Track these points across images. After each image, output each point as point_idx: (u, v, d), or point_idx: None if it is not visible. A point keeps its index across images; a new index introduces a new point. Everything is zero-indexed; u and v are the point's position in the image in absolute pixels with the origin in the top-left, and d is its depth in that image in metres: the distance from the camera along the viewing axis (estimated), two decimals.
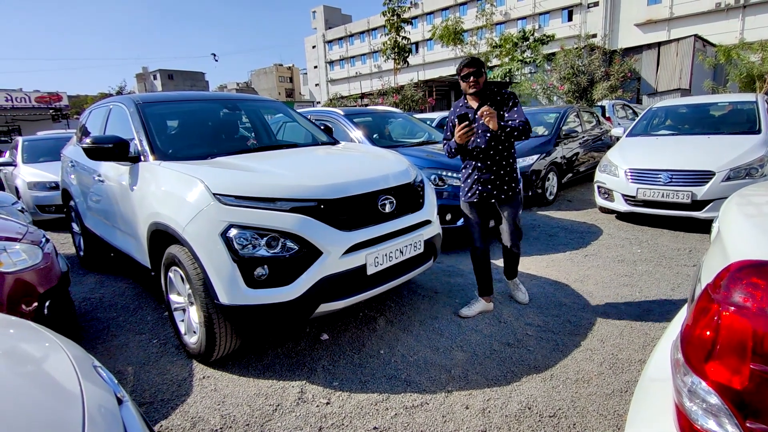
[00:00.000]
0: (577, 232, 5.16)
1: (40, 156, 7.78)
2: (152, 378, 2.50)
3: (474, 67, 2.87)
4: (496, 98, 2.92)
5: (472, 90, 2.88)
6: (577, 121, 7.82)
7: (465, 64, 2.88)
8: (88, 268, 4.54)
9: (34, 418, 0.88)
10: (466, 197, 3.04)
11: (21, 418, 0.87)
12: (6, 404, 0.92)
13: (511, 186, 2.97)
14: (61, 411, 0.88)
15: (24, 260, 2.53)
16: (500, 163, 2.93)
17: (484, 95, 2.92)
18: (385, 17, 24.46)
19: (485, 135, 2.89)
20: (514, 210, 3.03)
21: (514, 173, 3.00)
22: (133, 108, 3.36)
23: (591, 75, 14.51)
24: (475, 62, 2.88)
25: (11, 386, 1.02)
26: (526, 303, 3.23)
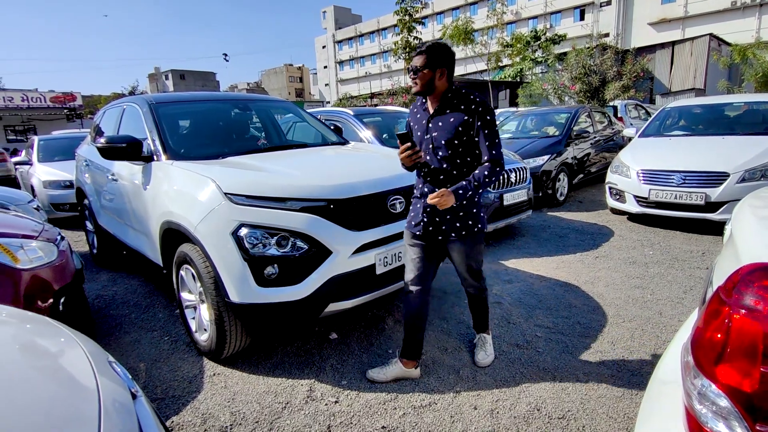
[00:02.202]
0: (587, 233, 5.12)
1: (55, 155, 7.92)
2: (164, 374, 2.54)
3: (422, 57, 2.07)
4: (458, 106, 2.11)
5: (414, 90, 2.16)
6: (588, 122, 7.75)
7: (417, 51, 2.13)
8: (101, 265, 4.62)
9: (52, 412, 0.90)
10: (409, 226, 2.30)
11: (39, 412, 0.89)
12: (25, 398, 0.94)
13: (467, 223, 2.18)
14: (78, 405, 0.90)
15: (40, 257, 2.58)
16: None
17: (443, 100, 2.14)
18: (397, 17, 24.46)
19: (436, 153, 2.14)
20: (467, 249, 2.24)
21: (474, 207, 2.20)
22: (147, 108, 3.41)
23: (603, 75, 14.37)
24: (426, 51, 2.07)
25: (30, 380, 1.04)
26: (485, 365, 2.47)
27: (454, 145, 2.10)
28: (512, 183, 4.82)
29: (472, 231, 2.20)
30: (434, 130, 2.14)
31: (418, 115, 2.26)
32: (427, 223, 2.21)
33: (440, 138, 2.11)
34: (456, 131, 2.08)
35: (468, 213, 2.18)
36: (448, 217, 2.17)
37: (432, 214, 2.19)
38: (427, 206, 2.18)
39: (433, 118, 2.15)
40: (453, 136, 2.09)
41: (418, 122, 2.25)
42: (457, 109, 2.10)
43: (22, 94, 23.79)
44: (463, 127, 2.08)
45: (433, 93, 2.13)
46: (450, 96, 2.14)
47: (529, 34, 27.05)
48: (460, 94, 2.13)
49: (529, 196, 5.06)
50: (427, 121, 2.17)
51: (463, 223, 2.19)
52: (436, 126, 2.13)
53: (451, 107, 2.11)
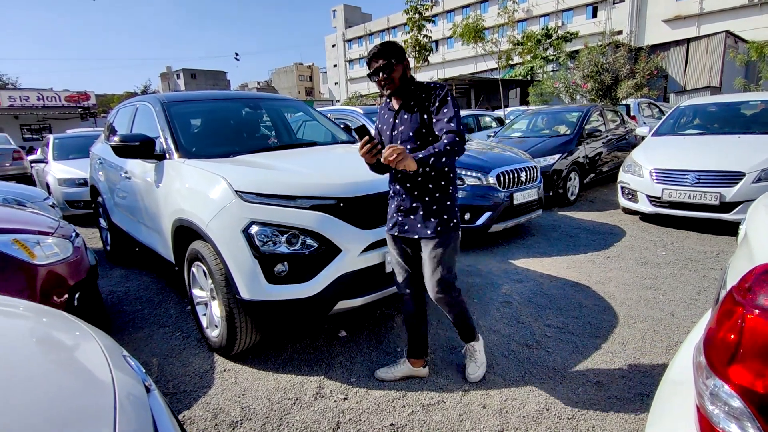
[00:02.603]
0: (599, 233, 5.07)
1: (70, 153, 8.05)
2: (175, 369, 2.58)
3: (382, 59, 2.04)
4: (420, 96, 2.09)
5: (387, 91, 2.10)
6: (600, 120, 7.67)
7: (372, 55, 2.06)
8: (114, 262, 4.69)
9: (69, 405, 0.92)
10: (387, 228, 2.26)
11: (57, 405, 0.91)
12: (42, 391, 0.97)
13: (442, 218, 2.09)
14: (94, 398, 0.92)
15: (56, 253, 2.63)
16: (425, 187, 2.08)
17: (405, 94, 2.12)
18: (407, 15, 24.39)
19: (405, 146, 2.04)
20: (440, 250, 2.09)
21: (447, 201, 2.11)
22: (159, 107, 3.45)
23: (616, 73, 14.19)
24: (384, 51, 2.04)
25: (47, 373, 1.07)
26: (476, 381, 2.33)
27: (422, 134, 2.06)
28: (522, 182, 4.79)
29: (446, 228, 2.10)
30: (401, 124, 2.10)
31: (385, 115, 2.22)
32: (401, 221, 2.15)
33: (407, 131, 2.08)
34: (422, 120, 2.05)
35: (442, 209, 2.10)
36: (421, 213, 2.09)
37: (405, 212, 2.13)
38: (399, 205, 2.14)
39: (398, 113, 2.13)
40: (419, 125, 2.05)
41: (385, 122, 2.21)
42: (420, 100, 2.08)
43: (37, 93, 24.19)
44: (428, 115, 2.05)
45: (399, 90, 2.11)
46: (413, 89, 2.11)
47: (541, 32, 26.79)
48: (422, 86, 2.11)
49: (539, 196, 5.03)
50: (393, 118, 2.14)
51: (438, 219, 2.09)
52: (402, 120, 2.10)
53: (416, 99, 2.09)
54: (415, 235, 2.12)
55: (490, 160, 4.79)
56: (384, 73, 2.04)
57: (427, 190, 2.08)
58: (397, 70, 2.05)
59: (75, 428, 0.83)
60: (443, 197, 2.10)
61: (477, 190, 4.53)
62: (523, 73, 27.71)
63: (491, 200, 4.52)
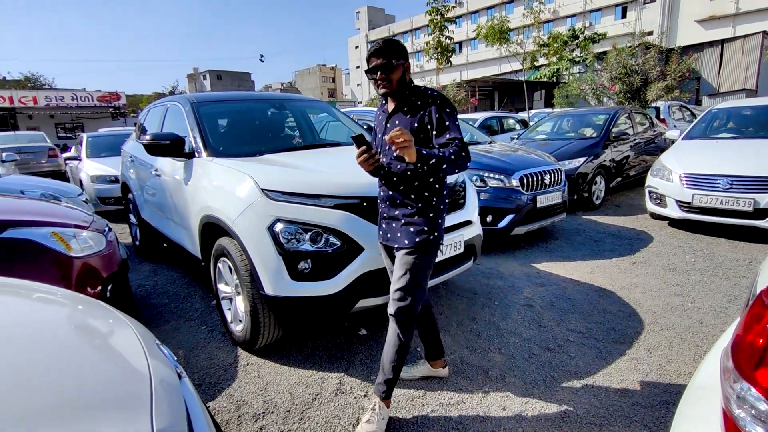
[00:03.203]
0: (625, 238, 4.96)
1: (102, 151, 8.34)
2: (201, 362, 2.65)
3: (381, 57, 1.92)
4: (415, 102, 1.96)
5: (381, 90, 1.99)
6: (628, 123, 7.50)
7: (372, 52, 1.95)
8: (143, 257, 4.84)
9: (108, 390, 0.97)
10: (377, 235, 2.19)
11: (96, 389, 0.96)
12: (83, 375, 1.02)
13: (422, 229, 1.94)
14: (133, 384, 0.97)
15: (90, 246, 2.74)
16: (409, 196, 1.96)
17: (401, 97, 1.99)
18: (429, 16, 24.33)
19: (393, 152, 1.90)
20: (412, 258, 1.94)
21: (430, 212, 1.97)
22: (189, 107, 3.56)
23: (645, 75, 13.82)
24: (384, 50, 1.93)
25: (86, 358, 1.13)
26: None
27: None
28: (546, 185, 4.74)
29: (425, 240, 1.94)
30: (391, 128, 1.95)
31: (379, 117, 2.13)
32: (385, 228, 2.05)
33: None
34: (413, 128, 1.93)
35: (422, 220, 1.95)
36: (402, 222, 1.97)
37: (388, 219, 2.03)
38: (383, 212, 2.05)
39: (390, 116, 2.01)
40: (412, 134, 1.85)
41: (378, 124, 2.11)
42: (414, 106, 1.96)
43: (72, 93, 25.13)
44: (420, 123, 1.93)
45: (395, 92, 1.98)
46: (408, 93, 1.99)
47: (567, 33, 26.34)
48: (419, 91, 1.98)
49: (563, 199, 4.96)
50: (386, 121, 2.03)
51: (417, 230, 1.94)
52: (393, 124, 1.98)
53: (409, 104, 1.97)
54: (394, 244, 2.00)
55: (514, 163, 4.75)
56: (382, 72, 1.92)
57: (410, 199, 1.96)
58: (397, 71, 1.93)
59: (115, 413, 0.88)
60: (425, 208, 1.96)
61: (499, 193, 4.50)
62: (549, 74, 27.32)
63: (514, 203, 4.48)
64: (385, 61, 1.91)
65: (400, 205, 1.98)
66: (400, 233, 1.97)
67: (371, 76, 1.96)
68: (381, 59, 1.92)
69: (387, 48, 1.93)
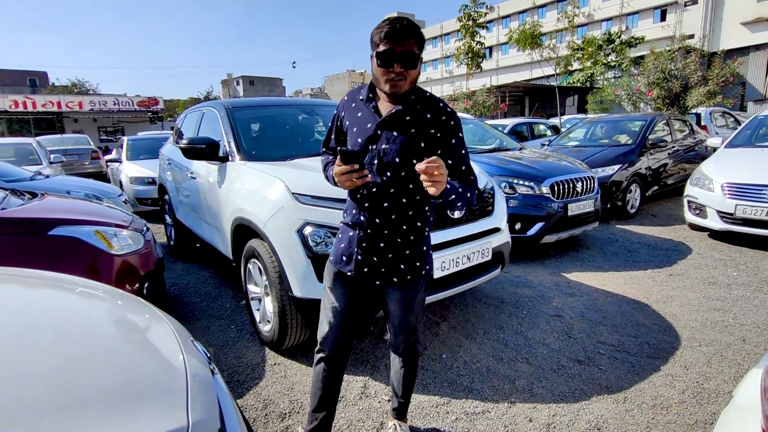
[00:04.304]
0: (661, 249, 4.78)
1: (141, 154, 8.69)
2: (230, 360, 2.72)
3: (414, 42, 1.43)
4: (422, 113, 1.52)
5: (390, 88, 1.47)
6: (666, 130, 7.24)
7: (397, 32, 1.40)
8: (176, 256, 5.01)
9: (146, 383, 1.01)
10: (336, 262, 1.69)
11: (135, 382, 1.01)
12: (122, 367, 1.07)
13: (414, 264, 1.65)
14: (169, 378, 1.01)
15: (129, 245, 2.87)
16: (400, 227, 1.59)
17: (404, 102, 1.52)
18: (460, 23, 24.25)
19: (383, 173, 1.53)
20: (409, 298, 1.70)
21: (423, 246, 1.68)
22: (224, 112, 3.67)
23: (685, 80, 13.31)
24: (416, 32, 1.44)
25: (125, 351, 1.18)
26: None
27: (410, 165, 1.51)
28: (578, 193, 4.63)
29: (418, 275, 1.66)
30: (385, 141, 1.51)
31: (359, 113, 1.59)
32: (363, 260, 1.62)
33: (393, 153, 1.50)
34: (418, 147, 1.51)
35: (415, 252, 1.64)
36: (391, 256, 1.61)
37: (370, 250, 1.61)
38: (363, 239, 1.60)
39: (385, 123, 1.52)
40: (412, 152, 1.50)
41: (358, 123, 1.58)
42: (421, 118, 1.51)
43: (114, 98, 26.33)
44: (427, 142, 1.51)
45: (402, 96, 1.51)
46: (414, 98, 1.53)
47: (602, 37, 25.71)
48: (425, 98, 1.55)
49: (595, 207, 4.83)
50: (376, 127, 1.53)
51: (408, 264, 1.63)
52: (389, 136, 1.51)
53: (413, 114, 1.51)
54: (377, 281, 1.64)
55: (544, 170, 4.66)
56: (404, 64, 1.42)
57: (401, 231, 1.59)
58: (418, 69, 1.49)
59: (154, 405, 0.92)
60: (418, 241, 1.64)
61: (529, 200, 4.43)
62: (582, 79, 26.69)
63: (544, 210, 4.39)
64: (417, 52, 1.44)
65: (388, 237, 1.59)
66: (390, 265, 1.61)
67: (387, 63, 1.42)
68: (410, 45, 1.41)
69: (417, 32, 1.43)
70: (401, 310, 1.72)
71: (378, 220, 1.58)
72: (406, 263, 1.64)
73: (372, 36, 1.45)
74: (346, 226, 1.68)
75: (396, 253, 1.62)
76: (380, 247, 1.61)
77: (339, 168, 1.43)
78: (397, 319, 1.75)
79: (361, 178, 1.43)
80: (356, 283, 1.67)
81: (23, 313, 1.32)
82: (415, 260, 1.65)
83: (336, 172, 1.45)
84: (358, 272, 1.64)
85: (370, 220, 1.59)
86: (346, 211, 1.69)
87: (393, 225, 1.59)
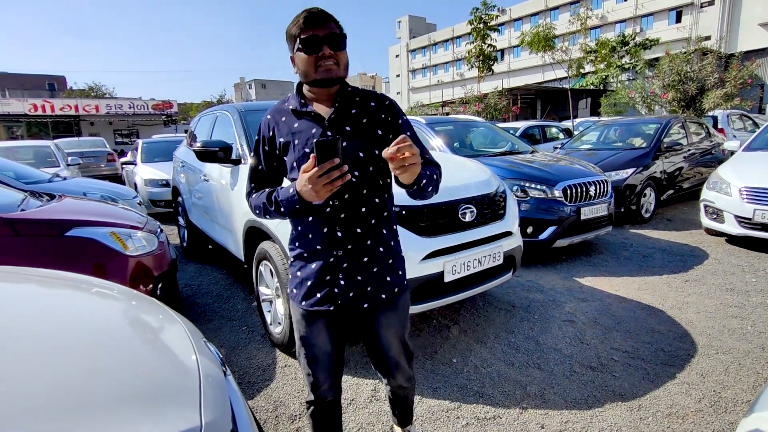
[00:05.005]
0: (676, 254, 4.70)
1: (156, 156, 8.81)
2: (241, 361, 2.74)
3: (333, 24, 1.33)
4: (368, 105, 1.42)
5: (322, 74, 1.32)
6: (681, 133, 7.12)
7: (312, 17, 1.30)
8: (189, 257, 5.07)
9: (160, 383, 1.03)
10: (304, 301, 1.45)
11: (152, 383, 1.02)
12: (136, 367, 1.08)
13: (398, 274, 1.49)
14: (182, 379, 1.02)
15: (144, 246, 2.91)
16: (380, 232, 1.43)
17: (344, 93, 1.40)
18: (471, 26, 24.22)
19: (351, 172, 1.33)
20: (400, 316, 1.54)
21: (400, 251, 1.53)
22: (237, 115, 3.71)
23: (701, 82, 13.09)
24: (332, 17, 1.34)
25: (139, 351, 1.20)
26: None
27: (375, 159, 1.39)
28: (591, 196, 4.58)
29: (402, 287, 1.51)
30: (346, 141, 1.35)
31: (295, 124, 1.40)
32: (345, 286, 1.40)
33: (354, 149, 1.36)
34: (377, 137, 1.39)
35: (396, 262, 1.49)
36: (375, 270, 1.42)
37: (354, 270, 1.40)
38: (343, 260, 1.39)
39: (333, 122, 1.37)
40: (376, 143, 1.38)
41: (299, 134, 1.38)
42: (366, 107, 1.41)
43: (129, 102, 26.79)
44: (383, 128, 1.40)
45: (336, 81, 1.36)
46: (351, 90, 1.42)
47: (616, 39, 25.45)
48: (360, 90, 1.44)
49: (609, 211, 4.76)
50: (324, 129, 1.36)
51: (394, 277, 1.47)
52: (341, 133, 1.36)
53: (357, 106, 1.40)
54: (364, 303, 1.43)
55: (556, 173, 4.62)
56: (332, 45, 1.30)
57: (382, 236, 1.43)
58: (346, 52, 1.37)
59: (167, 405, 0.93)
60: (397, 245, 1.51)
61: (541, 203, 4.39)
62: (596, 82, 26.44)
63: (556, 214, 4.35)
64: (338, 33, 1.32)
65: (371, 249, 1.41)
66: (372, 286, 1.42)
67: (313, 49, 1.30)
68: (332, 28, 1.31)
69: (333, 18, 1.34)
70: (394, 333, 1.53)
71: (360, 230, 1.38)
72: (392, 274, 1.46)
73: (288, 32, 1.33)
74: (309, 256, 1.41)
75: (380, 265, 1.43)
76: (364, 262, 1.40)
77: (315, 170, 1.17)
78: (392, 345, 1.54)
79: (342, 177, 1.18)
80: (337, 315, 1.44)
81: (42, 312, 1.35)
82: (399, 269, 1.49)
83: (311, 176, 1.18)
84: (342, 303, 1.41)
85: (349, 233, 1.37)
86: (298, 240, 1.43)
87: (374, 232, 1.41)
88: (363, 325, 1.53)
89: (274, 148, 1.44)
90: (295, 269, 1.46)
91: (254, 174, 1.51)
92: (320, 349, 1.49)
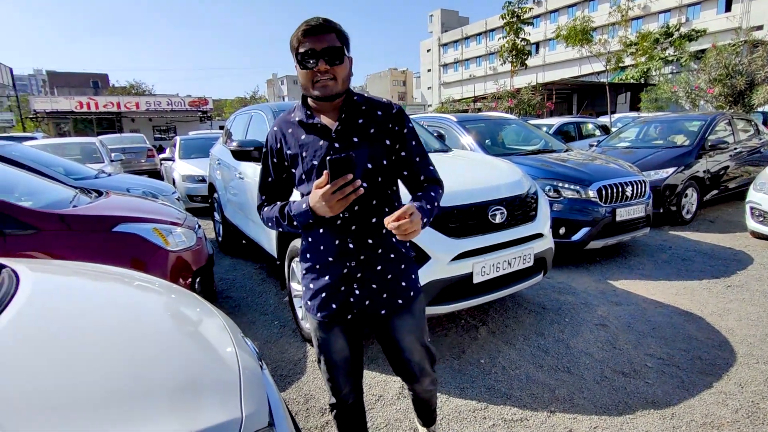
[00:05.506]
0: (718, 258, 4.51)
1: (193, 152, 9.12)
2: (273, 354, 2.84)
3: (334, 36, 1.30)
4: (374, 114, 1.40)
5: (317, 92, 1.32)
6: (728, 130, 6.79)
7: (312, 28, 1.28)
8: (224, 252, 5.25)
9: (205, 376, 1.10)
10: (319, 313, 1.45)
11: (196, 375, 1.10)
12: (183, 361, 1.16)
13: (411, 278, 1.50)
14: (224, 372, 1.09)
15: (183, 242, 3.05)
16: (389, 240, 1.43)
17: (351, 103, 1.39)
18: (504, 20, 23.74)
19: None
20: (418, 320, 1.53)
21: (412, 253, 1.54)
22: (271, 115, 3.82)
23: (751, 76, 12.36)
24: (334, 27, 1.31)
25: (185, 345, 1.28)
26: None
27: (384, 168, 1.39)
28: (627, 197, 4.44)
29: (417, 291, 1.52)
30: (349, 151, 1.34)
31: (302, 135, 1.39)
32: (359, 295, 1.41)
33: (363, 160, 1.35)
34: (386, 147, 1.39)
35: (409, 267, 1.49)
36: (390, 277, 1.43)
37: (368, 279, 1.41)
38: (355, 272, 1.39)
39: (340, 134, 1.36)
40: (384, 153, 1.38)
41: (307, 146, 1.38)
42: (373, 117, 1.39)
43: (167, 99, 27.78)
44: (391, 138, 1.40)
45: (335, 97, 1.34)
46: (356, 99, 1.40)
47: (659, 31, 24.35)
48: (367, 98, 1.43)
49: (646, 212, 4.62)
50: (332, 141, 1.35)
51: (408, 282, 1.48)
52: (349, 145, 1.35)
53: (363, 115, 1.38)
54: (382, 310, 1.44)
55: (591, 173, 4.51)
56: (329, 60, 1.28)
57: (392, 243, 1.43)
58: (346, 65, 1.34)
59: (211, 396, 1.00)
60: (407, 251, 1.50)
61: (575, 204, 4.30)
62: (636, 76, 25.41)
63: (590, 215, 4.25)
64: (338, 46, 1.29)
65: (383, 256, 1.42)
66: (392, 288, 1.44)
67: (310, 63, 1.28)
68: (331, 41, 1.28)
69: (336, 27, 1.31)
70: (414, 338, 1.52)
71: (371, 240, 1.39)
72: (406, 278, 1.47)
73: (291, 42, 1.32)
74: (322, 268, 1.42)
75: (394, 271, 1.44)
76: (378, 271, 1.41)
77: (328, 187, 1.18)
78: (413, 350, 1.53)
79: (355, 192, 1.19)
80: (354, 322, 1.46)
81: (95, 306, 1.46)
82: (411, 273, 1.50)
83: (325, 192, 1.19)
84: (358, 311, 1.43)
85: (360, 243, 1.38)
86: (310, 252, 1.44)
87: (385, 240, 1.41)
88: (381, 334, 1.52)
89: (283, 160, 1.44)
90: (308, 281, 1.47)
91: (264, 186, 1.52)
92: (339, 355, 1.50)
